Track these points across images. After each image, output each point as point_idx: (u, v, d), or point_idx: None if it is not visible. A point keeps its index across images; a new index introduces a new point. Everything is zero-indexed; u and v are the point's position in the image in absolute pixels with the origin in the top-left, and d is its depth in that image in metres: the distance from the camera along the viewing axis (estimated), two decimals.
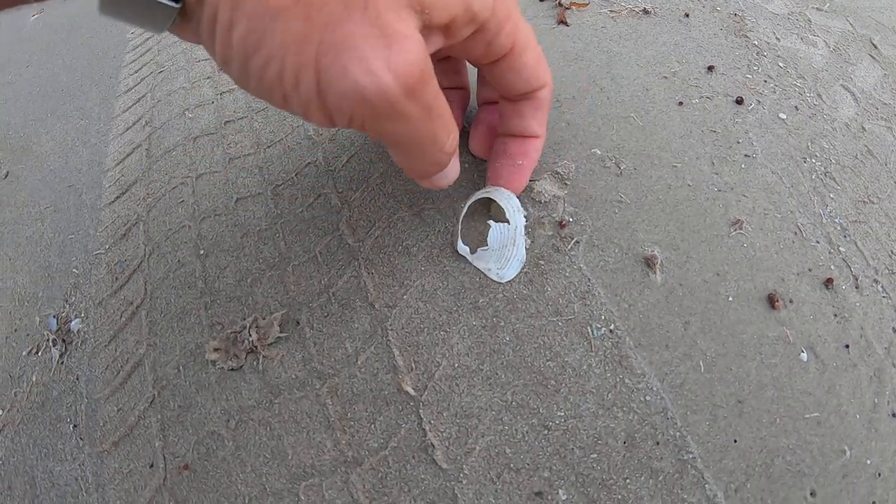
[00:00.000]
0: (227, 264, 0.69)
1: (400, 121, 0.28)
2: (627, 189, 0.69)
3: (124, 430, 0.65)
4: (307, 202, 0.70)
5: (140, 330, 0.69)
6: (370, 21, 0.25)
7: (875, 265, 0.69)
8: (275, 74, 0.27)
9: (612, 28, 0.92)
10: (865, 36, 1.08)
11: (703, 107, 0.80)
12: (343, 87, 0.25)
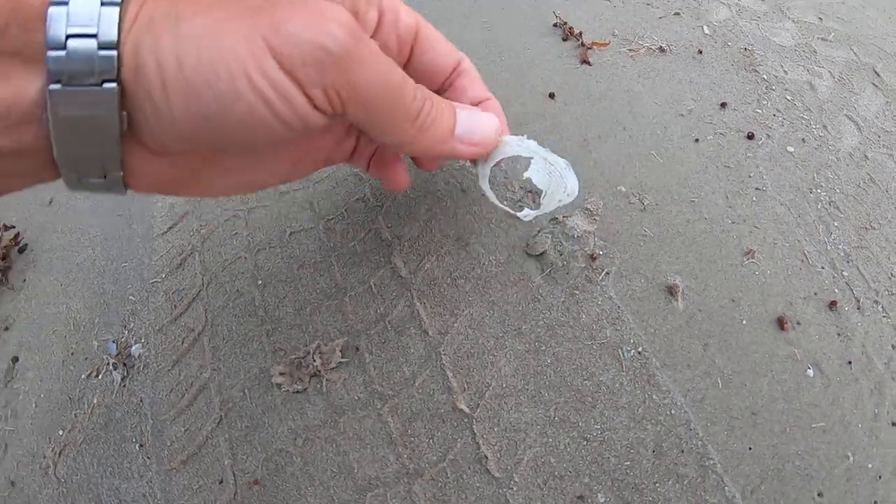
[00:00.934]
0: (285, 294, 0.84)
1: (360, 66, 0.30)
2: (650, 223, 0.86)
3: (193, 449, 0.80)
4: (358, 236, 0.86)
5: (203, 355, 0.84)
6: (300, 3, 0.30)
7: (875, 287, 0.87)
8: (235, 75, 0.27)
9: (631, 67, 1.10)
10: (869, 64, 1.28)
11: (718, 143, 0.98)
12: (301, 51, 0.28)
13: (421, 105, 0.36)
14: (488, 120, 0.43)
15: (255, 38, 0.28)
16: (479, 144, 0.43)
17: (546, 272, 0.80)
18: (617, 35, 1.18)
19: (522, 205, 0.84)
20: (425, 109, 0.36)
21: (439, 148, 0.39)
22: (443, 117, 0.39)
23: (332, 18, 0.30)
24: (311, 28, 0.29)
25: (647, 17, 1.25)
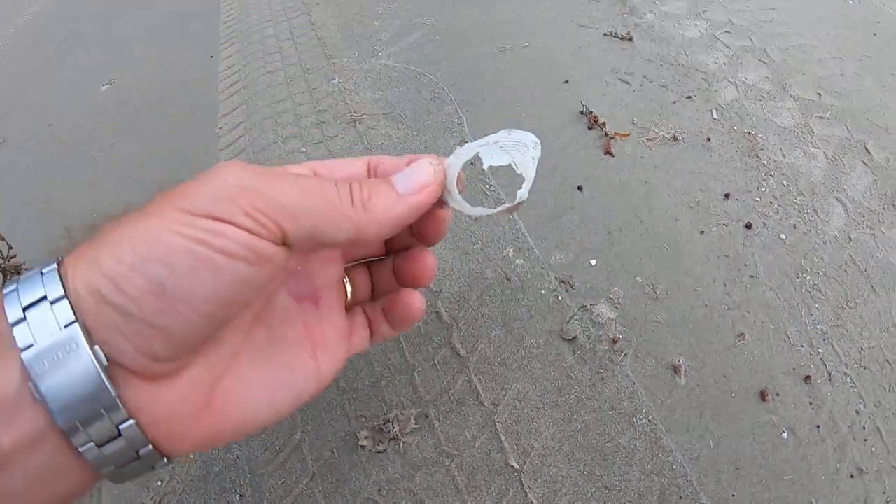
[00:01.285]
0: (361, 368, 1.10)
1: (269, 184, 0.33)
2: (661, 310, 1.11)
3: (291, 500, 1.06)
4: (424, 317, 1.11)
5: (293, 420, 1.11)
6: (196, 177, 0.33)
7: (846, 360, 1.12)
8: (167, 239, 0.30)
9: (648, 158, 1.34)
10: (861, 141, 1.51)
11: (720, 234, 1.22)
12: (211, 195, 0.30)
13: (348, 187, 0.35)
14: (418, 163, 0.40)
15: (172, 212, 0.30)
16: (427, 184, 0.39)
17: (577, 353, 1.05)
18: (636, 123, 1.41)
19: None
20: (355, 189, 0.36)
21: (395, 213, 0.37)
22: (379, 186, 0.37)
23: (224, 165, 0.32)
24: (210, 177, 0.31)
25: (663, 101, 1.48)
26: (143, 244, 0.29)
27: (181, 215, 0.30)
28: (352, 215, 0.35)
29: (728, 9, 1.90)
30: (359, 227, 0.35)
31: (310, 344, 0.40)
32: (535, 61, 1.72)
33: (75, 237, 1.71)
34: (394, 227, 0.37)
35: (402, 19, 1.96)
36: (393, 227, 0.37)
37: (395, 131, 1.47)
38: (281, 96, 1.73)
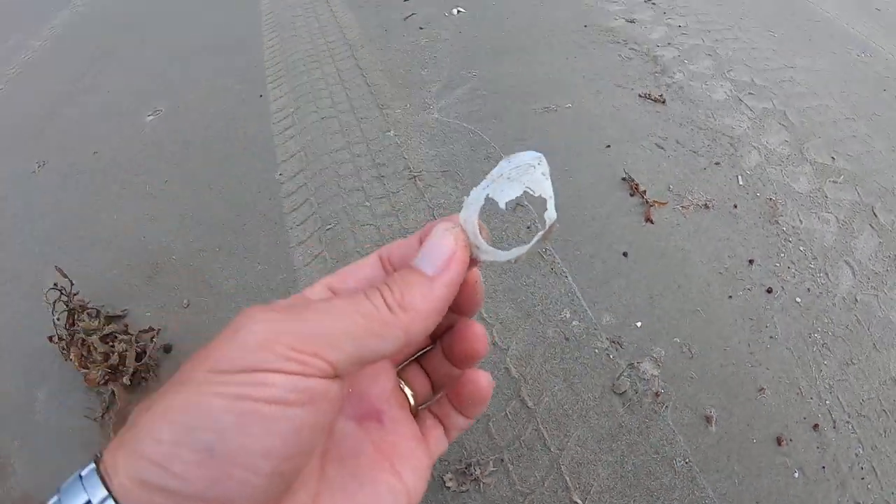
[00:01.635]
0: None
1: (296, 320, 0.32)
2: (696, 368, 1.37)
3: None
4: (493, 372, 1.36)
5: None
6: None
7: (849, 410, 1.39)
8: (207, 401, 0.28)
9: (683, 225, 1.59)
10: (869, 205, 1.77)
11: (745, 298, 1.48)
12: (241, 353, 0.30)
13: (379, 295, 0.34)
14: (433, 234, 0.38)
15: (204, 375, 0.29)
16: (452, 253, 0.37)
17: (626, 406, 1.31)
18: (672, 190, 1.66)
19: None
20: (386, 293, 0.34)
21: (435, 299, 0.35)
22: (407, 279, 0.35)
23: (246, 315, 0.31)
24: (235, 332, 0.30)
25: (694, 167, 1.73)
26: (182, 415, 0.28)
27: (215, 376, 0.29)
28: (394, 322, 0.33)
29: (751, 68, 2.15)
30: (406, 331, 0.34)
31: (387, 462, 0.38)
32: (577, 123, 1.96)
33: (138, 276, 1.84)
34: (439, 315, 0.36)
35: (447, 69, 2.18)
36: (438, 315, 0.36)
37: (453, 190, 1.71)
38: (337, 145, 1.94)
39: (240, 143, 2.27)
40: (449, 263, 0.36)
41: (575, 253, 1.56)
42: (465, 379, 0.42)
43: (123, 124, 2.71)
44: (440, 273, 0.36)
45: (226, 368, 0.29)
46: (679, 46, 2.31)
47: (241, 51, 2.95)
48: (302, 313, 0.31)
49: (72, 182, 2.53)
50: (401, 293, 0.34)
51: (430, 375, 0.45)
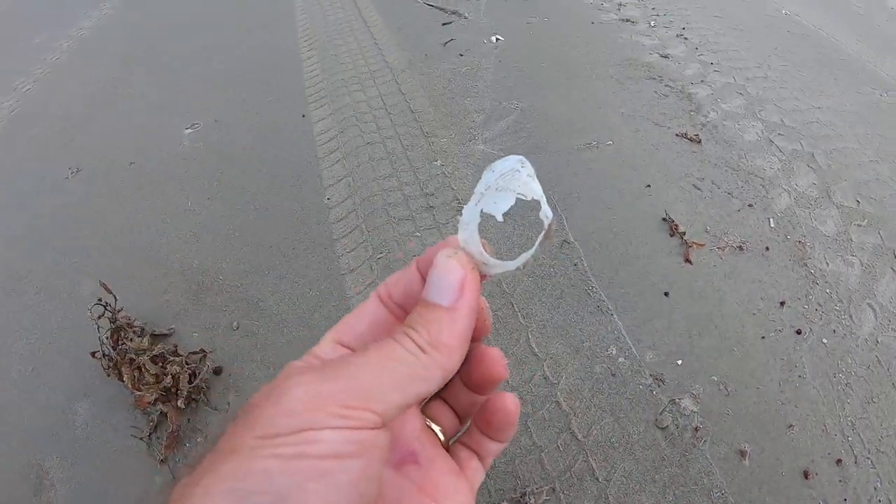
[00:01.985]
0: None
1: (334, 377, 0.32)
2: (731, 405, 1.48)
3: None
4: (545, 406, 1.47)
5: None
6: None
7: (868, 447, 1.51)
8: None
9: (719, 266, 1.70)
10: (891, 248, 1.89)
11: (776, 338, 1.59)
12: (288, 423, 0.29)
13: (409, 339, 0.33)
14: (436, 264, 0.37)
15: (255, 441, 0.28)
16: (462, 277, 0.36)
17: (668, 440, 1.42)
18: (709, 231, 1.77)
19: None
20: (415, 336, 0.34)
21: (462, 329, 0.35)
22: (428, 317, 0.35)
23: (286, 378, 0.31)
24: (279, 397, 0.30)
25: (729, 208, 1.84)
26: (236, 482, 0.27)
27: (267, 441, 0.29)
28: (431, 363, 0.34)
29: (780, 108, 2.25)
30: (444, 369, 0.34)
31: (432, 501, 0.39)
32: (619, 161, 2.06)
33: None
34: (467, 344, 0.36)
35: (490, 100, 2.27)
36: (466, 345, 0.36)
37: (502, 226, 1.80)
38: (384, 172, 2.03)
39: (284, 164, 2.33)
40: (462, 290, 0.36)
41: (620, 291, 1.67)
42: (491, 405, 0.41)
43: (160, 136, 2.75)
44: (457, 302, 0.35)
45: (276, 433, 0.29)
46: (712, 84, 2.41)
47: (278, 67, 2.99)
48: (342, 371, 0.31)
49: (108, 192, 2.55)
50: (427, 332, 0.34)
51: (454, 407, 0.44)
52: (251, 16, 3.80)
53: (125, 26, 4.32)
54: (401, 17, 3.38)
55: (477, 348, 0.41)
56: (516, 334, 1.61)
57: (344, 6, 3.69)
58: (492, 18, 3.22)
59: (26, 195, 2.57)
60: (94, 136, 2.92)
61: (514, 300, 1.66)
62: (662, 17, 3.04)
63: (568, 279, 1.70)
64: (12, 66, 4.07)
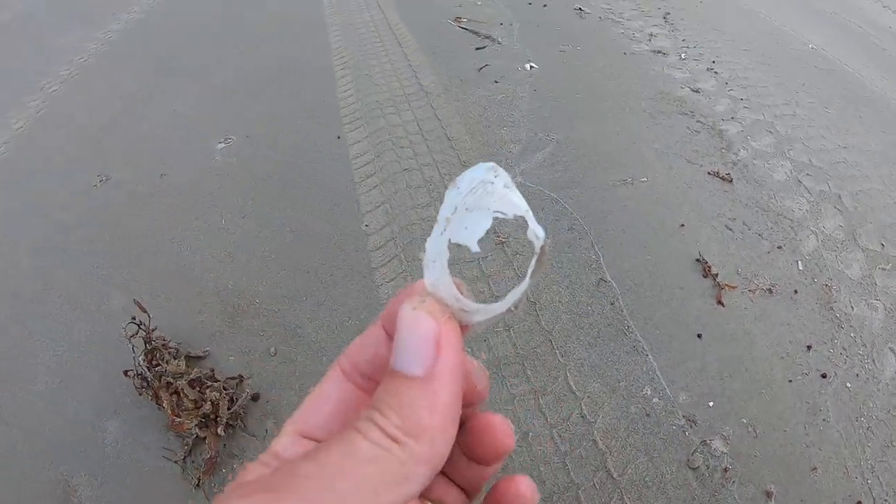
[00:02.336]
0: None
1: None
2: (759, 447, 1.55)
3: None
4: (582, 444, 1.54)
5: None
6: None
7: (887, 489, 1.59)
8: None
9: (750, 309, 1.76)
10: None
11: (802, 382, 1.66)
12: None
13: (371, 423, 0.26)
14: (401, 319, 0.29)
15: None
16: (434, 334, 0.28)
17: (699, 480, 1.50)
18: (740, 273, 1.83)
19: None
20: (384, 425, 0.26)
21: (445, 403, 0.27)
22: (400, 396, 0.27)
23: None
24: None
25: (759, 250, 1.90)
26: None
27: None
28: (410, 457, 0.26)
29: (808, 147, 2.31)
30: (429, 462, 0.27)
31: None
32: (653, 199, 2.12)
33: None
34: (455, 422, 0.28)
35: (526, 130, 2.32)
36: (455, 423, 0.28)
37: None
38: (423, 201, 2.08)
39: (319, 185, 2.37)
40: (438, 350, 0.28)
41: (655, 332, 1.74)
42: (504, 489, 0.34)
43: (192, 149, 2.78)
44: (434, 368, 0.27)
45: None
46: (742, 121, 2.46)
47: (311, 86, 3.01)
48: (291, 492, 0.24)
49: (139, 203, 2.56)
50: (399, 415, 0.27)
51: (456, 481, 0.36)
52: (281, 27, 3.82)
53: (153, 32, 4.34)
54: (434, 38, 3.42)
55: (474, 416, 0.34)
56: (555, 372, 1.68)
57: (376, 25, 3.72)
58: (525, 45, 3.29)
59: (52, 200, 2.58)
60: (122, 142, 2.94)
61: (553, 338, 1.73)
62: (692, 50, 3.12)
63: (605, 318, 1.77)
64: (38, 65, 4.09)
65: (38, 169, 2.82)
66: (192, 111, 3.05)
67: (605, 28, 3.46)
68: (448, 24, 3.58)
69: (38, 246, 2.34)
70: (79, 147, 2.95)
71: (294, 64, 3.29)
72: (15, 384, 1.82)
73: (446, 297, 0.29)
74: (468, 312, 0.29)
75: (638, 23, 3.58)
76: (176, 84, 3.36)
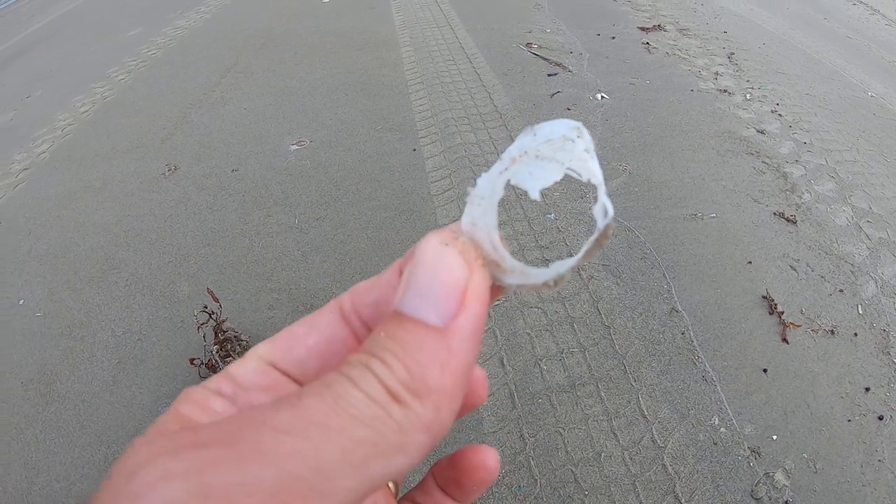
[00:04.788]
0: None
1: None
2: (818, 483, 1.64)
3: None
4: (652, 468, 1.64)
5: None
6: None
7: None
8: None
9: (812, 349, 1.85)
10: None
11: (860, 422, 1.75)
12: None
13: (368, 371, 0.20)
14: (424, 253, 0.23)
15: None
16: (459, 280, 0.22)
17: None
18: (804, 313, 1.92)
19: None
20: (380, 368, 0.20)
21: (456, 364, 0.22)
22: (401, 336, 0.21)
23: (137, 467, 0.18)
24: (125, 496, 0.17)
25: (822, 292, 1.98)
26: None
27: None
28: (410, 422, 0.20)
29: (869, 195, 2.38)
30: (431, 432, 0.21)
31: None
32: (722, 235, 2.19)
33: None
34: (464, 390, 0.22)
35: (599, 157, 2.37)
36: (463, 391, 0.22)
37: (615, 286, 1.96)
38: (499, 219, 2.16)
39: (395, 195, 2.47)
40: (464, 300, 0.22)
41: (723, 364, 1.83)
42: (467, 461, 0.29)
43: (265, 148, 2.89)
44: (456, 319, 0.22)
45: None
46: (805, 165, 2.52)
47: (384, 96, 3.10)
48: (258, 452, 0.18)
49: (209, 196, 2.65)
50: (404, 367, 0.21)
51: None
52: (355, 41, 3.93)
53: (221, 30, 4.47)
54: (505, 61, 3.50)
55: (466, 448, 0.29)
56: (627, 395, 1.77)
57: (449, 45, 3.81)
58: (595, 74, 3.34)
59: (120, 185, 2.68)
60: (191, 136, 3.05)
61: (627, 362, 1.82)
62: (757, 91, 3.15)
63: (676, 347, 1.86)
64: (105, 55, 4.23)
65: (103, 153, 2.94)
66: (264, 112, 3.17)
67: (672, 64, 3.51)
68: (519, 49, 3.67)
69: (106, 225, 2.44)
70: (146, 136, 3.06)
71: (368, 76, 3.40)
72: (74, 360, 1.91)
73: (484, 243, 0.24)
74: (503, 270, 0.24)
75: (703, 61, 3.62)
76: (248, 85, 3.48)
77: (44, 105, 3.62)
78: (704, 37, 3.98)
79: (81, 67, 4.10)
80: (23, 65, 4.29)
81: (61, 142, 3.15)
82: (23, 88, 3.88)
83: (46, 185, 2.76)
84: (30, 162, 3.02)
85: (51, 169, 2.91)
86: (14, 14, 5.33)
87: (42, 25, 4.81)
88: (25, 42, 4.57)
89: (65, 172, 2.87)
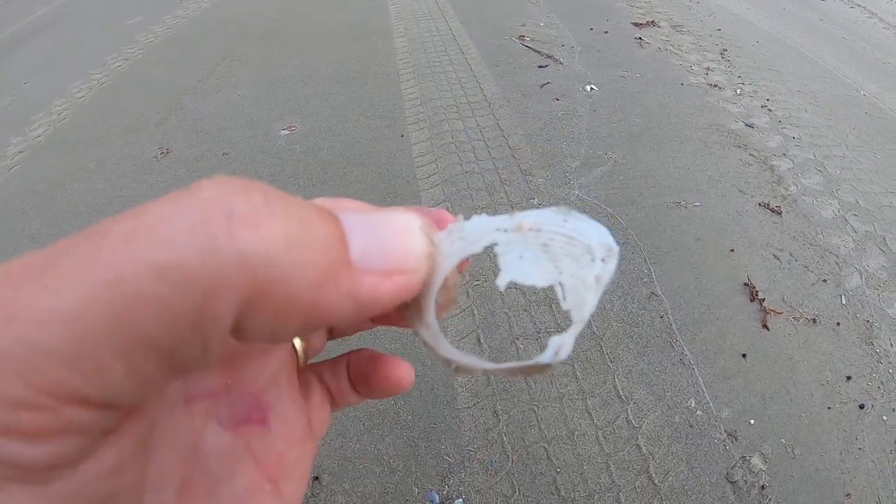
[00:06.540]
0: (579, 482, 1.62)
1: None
2: (796, 468, 1.62)
3: None
4: (625, 448, 1.63)
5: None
6: None
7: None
8: None
9: (793, 336, 1.84)
10: None
11: (841, 411, 1.73)
12: None
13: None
14: (399, 219, 0.22)
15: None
16: (400, 269, 0.21)
17: (737, 494, 1.56)
18: (786, 301, 1.91)
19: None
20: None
21: (328, 300, 0.19)
22: (309, 235, 0.19)
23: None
24: None
25: (805, 281, 1.97)
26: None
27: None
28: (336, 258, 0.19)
29: (856, 189, 2.38)
30: (353, 294, 0.19)
31: (269, 483, 0.26)
32: (705, 223, 2.19)
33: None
34: (321, 321, 0.19)
35: (585, 147, 2.42)
36: (324, 322, 0.19)
37: None
38: (483, 202, 2.19)
39: (382, 178, 2.49)
40: (389, 273, 0.21)
41: (701, 348, 1.81)
42: (382, 374, 0.29)
43: (256, 133, 2.93)
44: (366, 273, 0.21)
45: None
46: (793, 159, 2.53)
47: (376, 85, 3.14)
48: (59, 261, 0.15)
49: (199, 178, 2.75)
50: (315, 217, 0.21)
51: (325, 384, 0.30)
52: (348, 30, 3.99)
53: (219, 21, 4.53)
54: (497, 53, 3.52)
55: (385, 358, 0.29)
56: (603, 376, 1.76)
57: (442, 37, 3.86)
58: (585, 67, 3.34)
59: (113, 167, 2.71)
60: (185, 120, 3.08)
61: (604, 343, 1.82)
62: (748, 87, 3.15)
63: (654, 330, 1.85)
64: (103, 42, 4.30)
65: (99, 136, 2.96)
66: (256, 98, 3.21)
67: (664, 59, 3.51)
68: (511, 41, 3.71)
69: (98, 206, 2.46)
70: (141, 119, 3.10)
71: (359, 64, 3.44)
72: None
73: (429, 278, 0.22)
74: (421, 321, 0.22)
75: (696, 56, 3.61)
76: (242, 73, 3.52)
77: (42, 91, 3.66)
78: (698, 33, 4.01)
79: (80, 55, 4.15)
80: (23, 52, 4.36)
81: (57, 126, 3.19)
82: (22, 75, 3.93)
83: (41, 167, 2.79)
84: (25, 146, 3.06)
85: (46, 151, 2.94)
86: (16, 1, 5.42)
87: (43, 13, 4.89)
88: (27, 30, 4.65)
89: (60, 155, 2.91)
